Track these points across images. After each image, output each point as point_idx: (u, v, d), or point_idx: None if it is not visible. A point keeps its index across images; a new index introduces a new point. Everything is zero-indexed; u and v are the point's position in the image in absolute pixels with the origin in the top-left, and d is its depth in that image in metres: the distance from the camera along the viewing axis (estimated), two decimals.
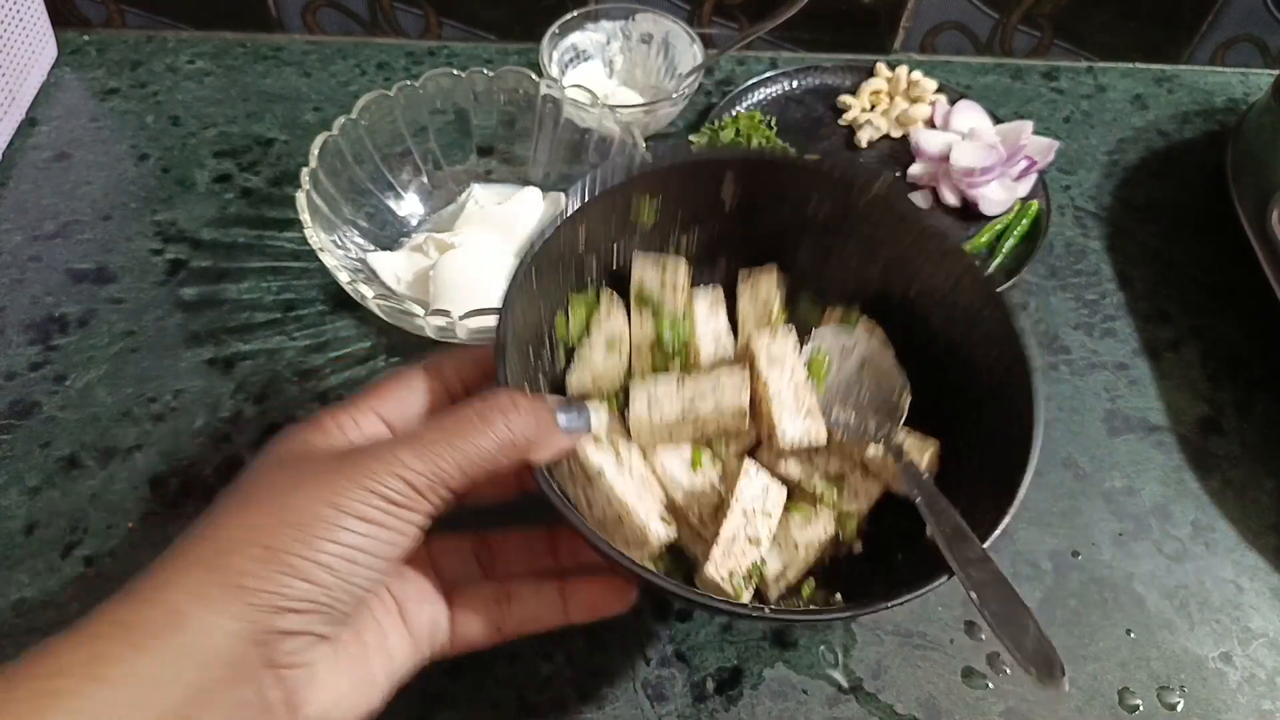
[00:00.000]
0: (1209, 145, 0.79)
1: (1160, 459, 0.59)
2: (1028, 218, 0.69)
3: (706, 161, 0.46)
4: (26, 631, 0.49)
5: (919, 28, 0.82)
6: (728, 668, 0.49)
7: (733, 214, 0.47)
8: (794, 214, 0.47)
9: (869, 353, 0.46)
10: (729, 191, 0.47)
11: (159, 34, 0.80)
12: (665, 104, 0.70)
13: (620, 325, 0.46)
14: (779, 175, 0.46)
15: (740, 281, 0.49)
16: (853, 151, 0.75)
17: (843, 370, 0.45)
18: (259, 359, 0.60)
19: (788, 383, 0.43)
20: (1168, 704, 0.49)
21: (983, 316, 0.43)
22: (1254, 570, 0.55)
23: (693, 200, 0.47)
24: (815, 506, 0.43)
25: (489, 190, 0.67)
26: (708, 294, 0.48)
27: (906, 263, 0.46)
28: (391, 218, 0.65)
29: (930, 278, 0.45)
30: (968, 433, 0.43)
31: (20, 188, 0.68)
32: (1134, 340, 0.65)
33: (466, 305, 0.54)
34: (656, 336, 0.46)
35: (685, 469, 0.43)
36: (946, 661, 0.50)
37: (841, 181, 0.46)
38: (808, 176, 0.46)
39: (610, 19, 0.75)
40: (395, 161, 0.65)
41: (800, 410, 0.43)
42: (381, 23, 0.80)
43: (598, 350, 0.45)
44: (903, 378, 0.45)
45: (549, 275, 0.43)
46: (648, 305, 0.46)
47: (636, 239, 0.47)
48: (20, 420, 0.56)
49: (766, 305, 0.47)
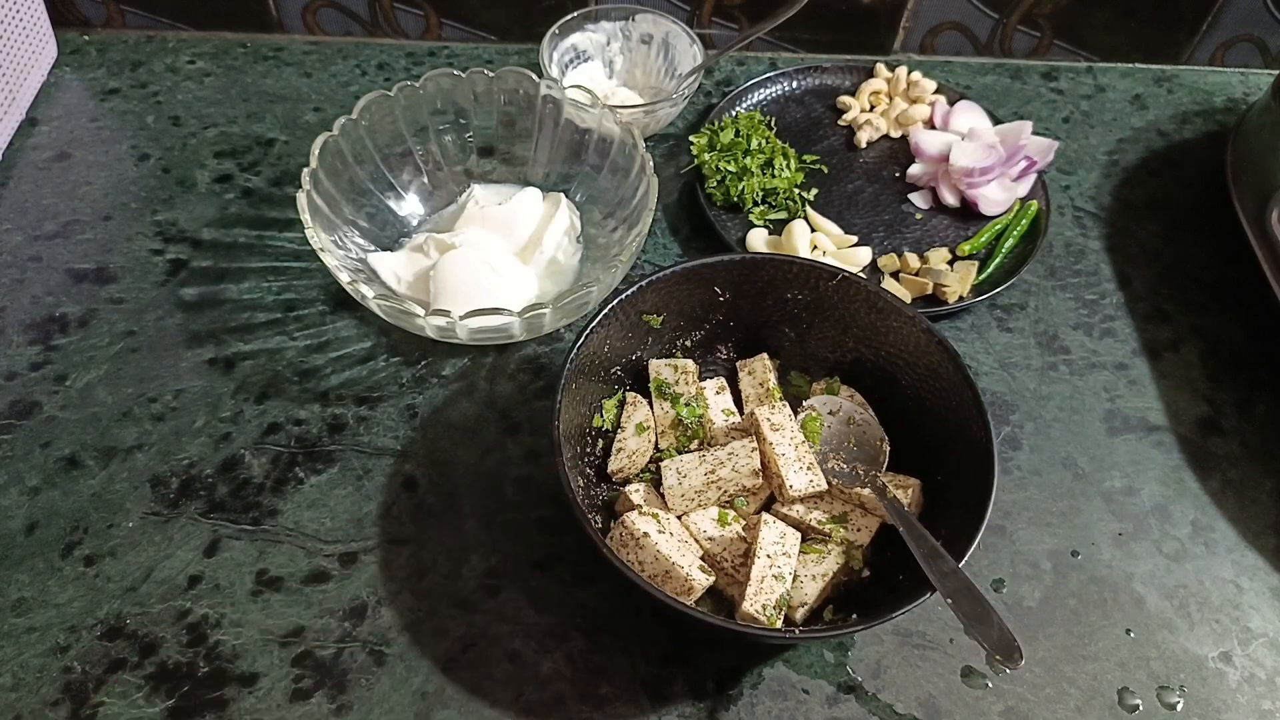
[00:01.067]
0: (1209, 145, 0.79)
1: (1160, 459, 0.59)
2: (1027, 218, 0.69)
3: (698, 270, 0.55)
4: (26, 631, 0.49)
5: (919, 28, 0.82)
6: (728, 667, 0.49)
7: (726, 311, 0.57)
8: (777, 304, 0.57)
9: (851, 413, 0.54)
10: (721, 293, 0.56)
11: (159, 34, 0.80)
12: (665, 104, 0.70)
13: (646, 414, 0.55)
14: (760, 274, 0.55)
15: (739, 369, 0.58)
16: (852, 151, 0.75)
17: (832, 429, 0.54)
18: (260, 359, 0.60)
19: (789, 445, 0.51)
20: (1167, 704, 0.49)
21: (940, 370, 0.52)
22: (1254, 570, 0.55)
23: (691, 305, 0.56)
24: (825, 544, 0.51)
25: (489, 190, 0.67)
26: (713, 381, 0.57)
27: (874, 334, 0.55)
28: (392, 218, 0.65)
29: (895, 344, 0.54)
30: (944, 471, 0.51)
31: (20, 188, 0.68)
32: (1134, 340, 0.65)
33: (467, 305, 0.54)
34: (676, 419, 0.54)
35: (715, 526, 0.51)
36: (946, 661, 0.50)
37: (812, 273, 0.55)
38: (784, 272, 0.55)
39: (610, 20, 0.75)
40: (396, 162, 0.65)
41: (802, 466, 0.51)
42: (382, 23, 0.80)
43: (630, 437, 0.54)
44: (880, 431, 0.54)
45: (583, 384, 0.52)
46: (666, 396, 0.55)
47: (650, 342, 0.57)
48: (21, 420, 0.56)
49: (763, 384, 0.56)
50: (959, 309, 0.64)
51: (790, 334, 0.58)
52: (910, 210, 0.71)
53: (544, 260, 0.63)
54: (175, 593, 0.50)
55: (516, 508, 0.55)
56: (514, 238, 0.63)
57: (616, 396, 0.56)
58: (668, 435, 0.55)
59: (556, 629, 0.50)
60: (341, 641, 0.49)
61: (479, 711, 0.47)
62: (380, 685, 0.48)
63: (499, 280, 0.59)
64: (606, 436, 0.55)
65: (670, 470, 0.51)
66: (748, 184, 0.68)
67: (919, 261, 0.66)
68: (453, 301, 0.57)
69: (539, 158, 0.68)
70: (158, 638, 0.49)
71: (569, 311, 0.56)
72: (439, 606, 0.51)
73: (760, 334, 0.58)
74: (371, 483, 0.55)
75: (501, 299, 0.58)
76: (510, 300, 0.58)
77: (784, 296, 0.56)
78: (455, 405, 0.59)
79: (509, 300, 0.58)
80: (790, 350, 0.58)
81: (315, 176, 0.58)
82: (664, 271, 0.54)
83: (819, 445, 0.53)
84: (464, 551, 0.53)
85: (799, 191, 0.70)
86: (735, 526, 0.51)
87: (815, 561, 0.50)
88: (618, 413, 0.55)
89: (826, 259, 0.65)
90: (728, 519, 0.51)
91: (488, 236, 0.62)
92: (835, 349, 0.57)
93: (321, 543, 0.53)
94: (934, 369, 0.52)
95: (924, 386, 0.53)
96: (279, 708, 0.47)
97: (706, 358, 0.59)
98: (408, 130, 0.65)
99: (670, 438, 0.55)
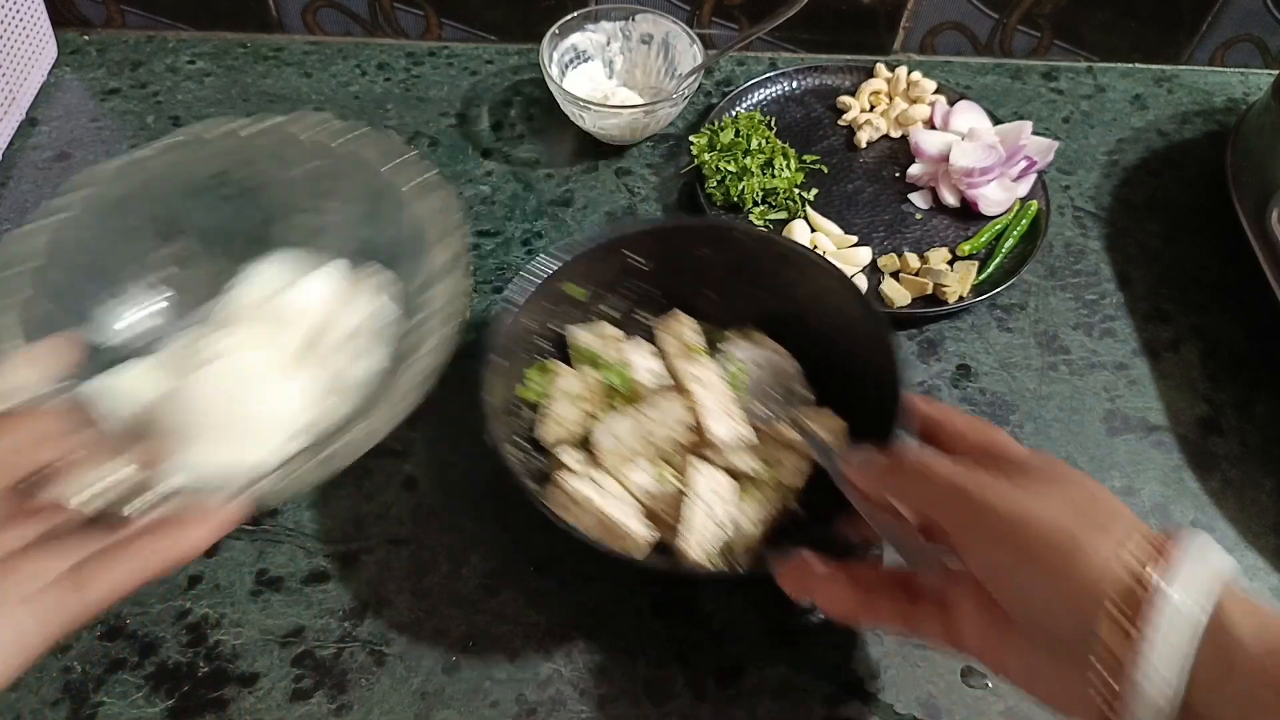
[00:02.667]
0: (1209, 145, 0.79)
1: (1160, 459, 0.59)
2: (1027, 218, 0.69)
3: (615, 242, 0.56)
4: None
5: (919, 28, 0.82)
6: (728, 667, 0.49)
7: (645, 275, 0.58)
8: (694, 266, 0.58)
9: (771, 360, 0.56)
10: (638, 259, 0.57)
11: (159, 34, 0.80)
12: (665, 104, 0.70)
13: (574, 382, 0.55)
14: (673, 238, 0.58)
15: (660, 329, 0.58)
16: (853, 151, 0.75)
17: (755, 377, 0.56)
18: None
19: (714, 396, 0.53)
20: None
21: (847, 308, 0.54)
22: (1254, 570, 0.55)
23: (611, 273, 0.57)
24: (761, 488, 0.52)
25: (273, 267, 0.51)
26: (637, 343, 0.58)
27: (789, 286, 0.57)
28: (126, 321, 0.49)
29: (810, 294, 0.56)
30: (860, 407, 0.52)
31: (20, 188, 0.68)
32: (1133, 340, 0.65)
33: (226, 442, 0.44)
34: (602, 382, 0.55)
35: (653, 483, 0.51)
36: (946, 661, 0.50)
37: (725, 233, 0.57)
38: (696, 234, 0.58)
39: (610, 19, 0.75)
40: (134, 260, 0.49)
41: (728, 415, 0.52)
42: (382, 23, 0.80)
43: (560, 405, 0.54)
44: (796, 369, 0.56)
45: (509, 357, 0.53)
46: (590, 362, 0.56)
47: (572, 311, 0.57)
48: None
49: (683, 340, 0.57)
50: (959, 309, 0.64)
51: (709, 294, 0.59)
52: (910, 210, 0.71)
53: (327, 368, 0.48)
54: (175, 593, 0.50)
55: (516, 508, 0.54)
56: (291, 337, 0.48)
57: (539, 366, 0.56)
58: (596, 399, 0.55)
59: (556, 629, 0.50)
60: (341, 641, 0.49)
61: (479, 712, 0.47)
62: (380, 685, 0.48)
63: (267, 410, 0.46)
64: (535, 408, 0.55)
65: (603, 432, 0.52)
66: (748, 184, 0.68)
67: (919, 261, 0.66)
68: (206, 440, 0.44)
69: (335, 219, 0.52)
70: (157, 638, 0.49)
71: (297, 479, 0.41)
72: (439, 606, 0.51)
73: (680, 296, 0.59)
74: (371, 483, 0.55)
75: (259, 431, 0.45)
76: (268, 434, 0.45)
77: (700, 258, 0.58)
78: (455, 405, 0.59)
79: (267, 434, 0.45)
80: (710, 309, 0.59)
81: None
82: (582, 248, 0.55)
83: (743, 393, 0.54)
84: (464, 551, 0.53)
85: (799, 191, 0.70)
86: (674, 482, 0.51)
87: (752, 505, 0.50)
88: (544, 382, 0.55)
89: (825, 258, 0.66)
90: (665, 475, 0.51)
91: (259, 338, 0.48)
92: (753, 304, 0.58)
93: (321, 543, 0.53)
94: (842, 307, 0.54)
95: (838, 332, 0.55)
96: (279, 708, 0.47)
97: (628, 322, 0.60)
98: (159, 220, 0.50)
99: (599, 401, 0.55)
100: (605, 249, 0.56)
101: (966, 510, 0.36)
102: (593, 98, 0.72)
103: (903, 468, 0.40)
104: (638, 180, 0.72)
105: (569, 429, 0.53)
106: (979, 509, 0.35)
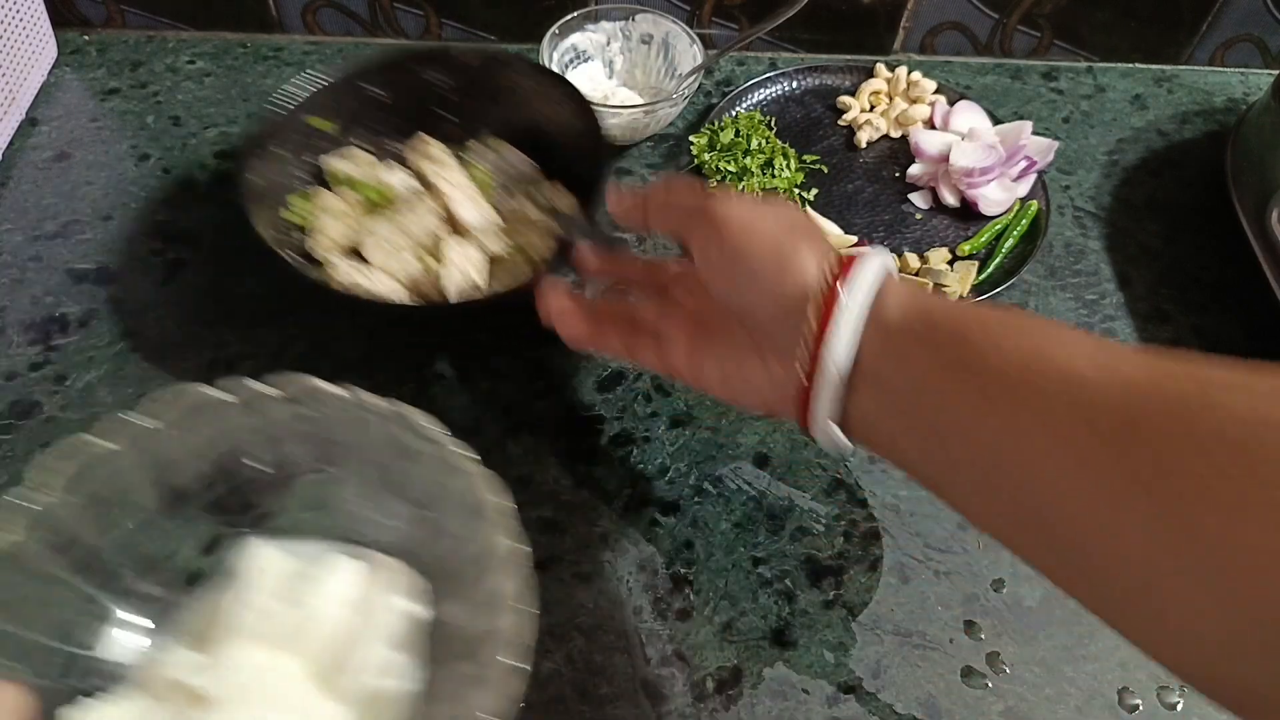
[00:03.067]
0: (1209, 145, 0.79)
1: None
2: (1027, 218, 0.69)
3: (355, 77, 0.64)
4: None
5: (919, 28, 0.82)
6: (727, 667, 0.49)
7: (386, 105, 0.66)
8: (427, 91, 0.66)
9: (508, 159, 0.65)
10: (379, 92, 0.65)
11: (159, 34, 0.80)
12: (665, 104, 0.70)
13: (334, 200, 0.62)
14: (402, 67, 0.65)
15: (408, 151, 0.66)
16: (852, 151, 0.75)
17: (495, 170, 0.65)
18: (260, 359, 0.60)
19: (461, 190, 0.62)
20: (1167, 704, 0.49)
21: (564, 108, 0.63)
22: None
23: (355, 106, 0.65)
24: (514, 263, 0.60)
25: (276, 551, 0.42)
26: (389, 165, 0.65)
27: (514, 96, 0.66)
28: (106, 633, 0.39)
29: (530, 99, 0.66)
30: (581, 187, 0.61)
31: (20, 188, 0.68)
32: (1134, 340, 0.65)
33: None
34: (364, 200, 0.62)
35: (419, 269, 0.59)
36: (946, 661, 0.50)
37: (446, 55, 0.66)
38: (422, 59, 0.65)
39: (610, 19, 0.75)
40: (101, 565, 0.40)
41: (476, 204, 0.62)
42: (382, 23, 0.80)
43: (324, 221, 0.60)
44: (532, 165, 0.65)
45: (269, 178, 0.59)
46: (347, 183, 0.62)
47: (324, 144, 0.64)
48: (21, 420, 0.56)
49: (430, 152, 0.64)
50: None
51: (449, 116, 0.67)
52: (910, 210, 0.71)
53: (356, 689, 0.39)
54: None
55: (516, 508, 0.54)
56: (311, 651, 0.39)
57: (301, 194, 0.62)
58: (358, 215, 0.61)
59: (556, 629, 0.50)
60: None
61: None
62: None
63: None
64: (302, 231, 0.61)
65: (369, 239, 0.59)
66: (748, 184, 0.68)
67: (919, 261, 0.66)
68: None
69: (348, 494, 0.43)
70: None
71: None
72: None
73: (423, 121, 0.67)
74: None
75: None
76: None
77: (434, 83, 0.66)
78: (455, 405, 0.59)
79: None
80: (452, 131, 0.67)
81: None
82: (319, 83, 0.62)
83: (487, 189, 0.64)
84: None
85: (799, 191, 0.70)
86: (436, 266, 0.58)
87: (504, 278, 0.59)
88: (307, 206, 0.61)
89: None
90: (431, 266, 0.58)
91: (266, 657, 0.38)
92: (489, 119, 0.67)
93: None
94: (559, 107, 0.64)
95: (555, 123, 0.64)
96: None
97: (379, 151, 0.66)
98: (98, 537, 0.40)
99: (361, 217, 0.61)
100: (342, 83, 0.63)
101: (705, 221, 0.43)
102: (593, 98, 0.72)
103: (653, 195, 0.47)
104: (638, 180, 0.72)
105: (336, 240, 0.60)
106: (714, 219, 0.42)
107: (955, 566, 0.54)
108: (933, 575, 0.53)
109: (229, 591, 0.41)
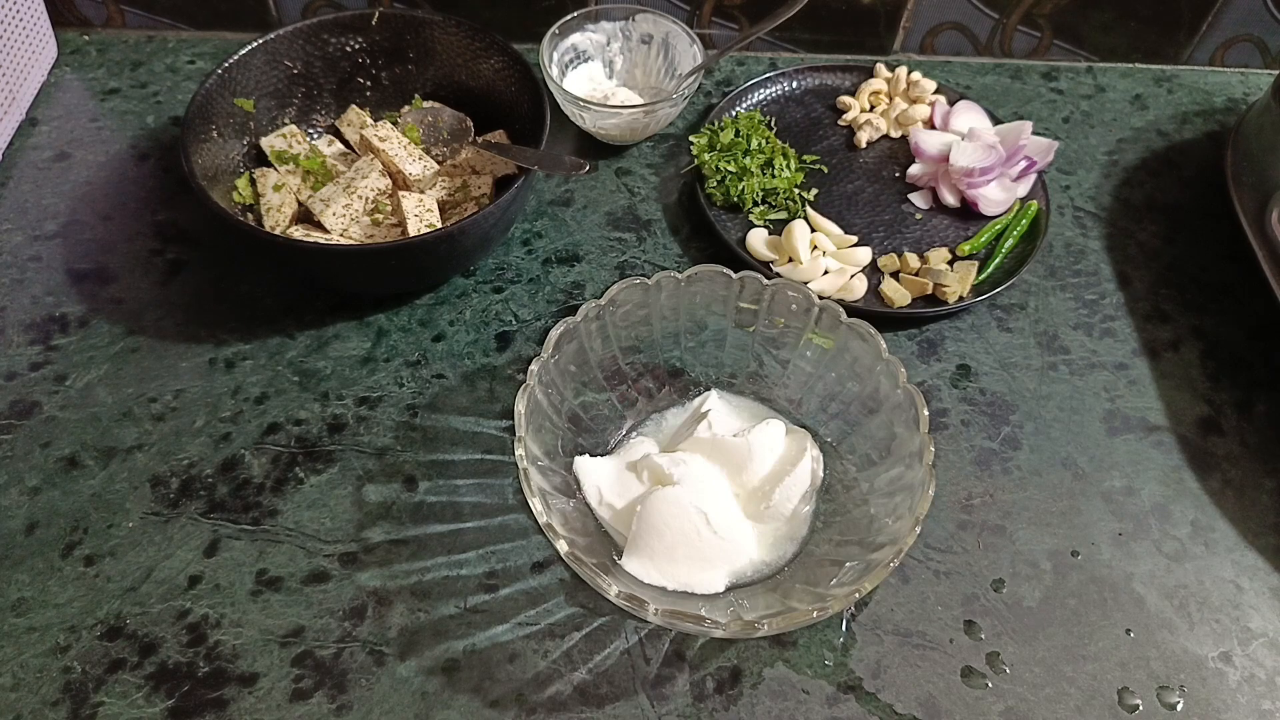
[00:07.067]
0: (1209, 145, 0.79)
1: (1160, 459, 0.59)
2: (1027, 218, 0.69)
3: (264, 49, 0.65)
4: (26, 631, 0.49)
5: (919, 28, 0.82)
6: (727, 667, 0.49)
7: (309, 79, 0.68)
8: (351, 61, 0.69)
9: (437, 111, 0.69)
10: (296, 66, 0.67)
11: (159, 34, 0.80)
12: (665, 104, 0.70)
13: (276, 176, 0.64)
14: (319, 35, 0.67)
15: (338, 125, 0.70)
16: (853, 151, 0.75)
17: (425, 125, 0.69)
18: (259, 358, 0.60)
19: (399, 147, 0.66)
20: (1167, 704, 0.49)
21: (498, 63, 0.67)
22: (1254, 570, 0.55)
23: (272, 82, 0.67)
24: (460, 205, 0.66)
25: (726, 403, 0.57)
26: (322, 139, 0.69)
27: (438, 56, 0.69)
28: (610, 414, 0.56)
29: (459, 55, 0.69)
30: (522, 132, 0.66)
31: (21, 188, 0.68)
32: (1133, 340, 0.65)
33: (670, 563, 0.49)
34: (302, 171, 0.65)
35: (372, 227, 0.64)
36: (946, 661, 0.50)
37: (363, 20, 0.67)
38: (341, 26, 0.67)
39: (610, 19, 0.75)
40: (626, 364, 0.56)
41: (415, 158, 0.66)
42: None
43: (271, 196, 0.63)
44: (461, 116, 0.69)
45: (210, 161, 0.61)
46: (286, 160, 0.66)
47: (254, 126, 0.66)
48: (21, 420, 0.56)
49: (361, 120, 0.69)
50: (959, 309, 0.64)
51: (368, 83, 0.70)
52: (910, 210, 0.71)
53: (771, 520, 0.53)
54: (175, 593, 0.50)
55: (516, 508, 0.55)
56: (742, 479, 0.53)
57: (245, 176, 0.64)
58: (302, 189, 0.64)
59: (556, 629, 0.50)
60: (341, 641, 0.49)
61: (479, 712, 0.47)
62: (380, 685, 0.48)
63: (713, 542, 0.50)
64: (253, 210, 0.64)
65: (322, 206, 0.62)
66: (748, 184, 0.68)
67: (919, 261, 0.66)
68: (654, 551, 0.50)
69: (789, 381, 0.57)
70: (158, 638, 0.49)
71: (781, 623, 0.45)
72: (439, 606, 0.51)
73: (344, 93, 0.70)
74: (371, 483, 0.55)
75: (712, 563, 0.50)
76: (721, 569, 0.51)
77: (355, 52, 0.69)
78: (455, 404, 0.59)
79: (720, 568, 0.51)
80: (374, 97, 0.71)
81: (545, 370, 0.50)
82: (232, 58, 0.63)
83: (419, 141, 0.67)
84: (463, 551, 0.53)
85: (799, 191, 0.70)
86: (387, 223, 0.64)
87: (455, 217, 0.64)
88: (251, 186, 0.64)
89: (826, 259, 0.66)
90: (379, 220, 0.63)
91: (711, 471, 0.52)
92: (412, 81, 0.71)
93: (321, 543, 0.53)
94: (493, 61, 0.67)
95: (491, 79, 0.68)
96: (279, 708, 0.47)
97: (310, 126, 0.70)
98: (659, 331, 0.56)
99: (305, 189, 0.64)
100: (257, 52, 0.64)
101: None
102: (593, 98, 0.72)
103: None
104: (638, 180, 0.72)
105: (286, 213, 0.63)
106: None
107: (955, 566, 0.54)
108: (933, 575, 0.53)
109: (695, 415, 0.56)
